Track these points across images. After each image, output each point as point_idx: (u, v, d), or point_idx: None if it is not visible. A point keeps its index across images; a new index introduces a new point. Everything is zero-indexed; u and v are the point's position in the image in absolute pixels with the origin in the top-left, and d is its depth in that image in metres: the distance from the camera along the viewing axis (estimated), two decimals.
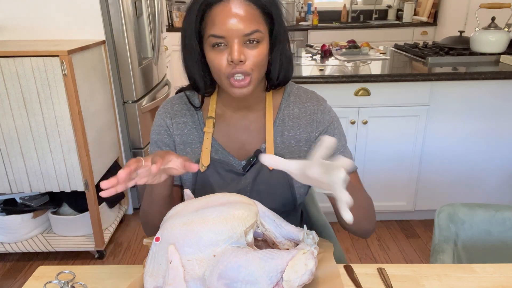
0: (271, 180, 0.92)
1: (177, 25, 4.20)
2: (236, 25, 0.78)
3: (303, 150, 0.95)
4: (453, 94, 2.02)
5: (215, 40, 0.80)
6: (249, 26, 0.79)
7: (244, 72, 0.81)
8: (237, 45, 0.79)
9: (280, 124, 0.95)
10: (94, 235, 2.04)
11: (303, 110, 0.96)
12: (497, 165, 2.16)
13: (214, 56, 0.82)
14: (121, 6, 2.13)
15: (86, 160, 1.88)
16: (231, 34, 0.78)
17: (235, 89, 0.83)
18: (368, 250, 2.13)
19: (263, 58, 0.83)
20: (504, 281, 0.80)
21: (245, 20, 0.79)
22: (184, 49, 0.88)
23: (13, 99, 1.76)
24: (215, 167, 0.93)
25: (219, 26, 0.79)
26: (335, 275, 0.76)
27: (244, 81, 0.82)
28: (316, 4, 4.50)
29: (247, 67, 0.81)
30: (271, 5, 0.83)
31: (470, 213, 1.12)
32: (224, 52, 0.81)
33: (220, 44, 0.80)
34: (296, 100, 0.97)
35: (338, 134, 0.98)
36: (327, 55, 2.46)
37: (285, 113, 0.96)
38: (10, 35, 2.10)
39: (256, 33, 0.80)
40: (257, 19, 0.81)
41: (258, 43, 0.81)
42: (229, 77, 0.82)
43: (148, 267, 0.72)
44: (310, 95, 0.99)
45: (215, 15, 0.80)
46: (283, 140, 0.95)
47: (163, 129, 0.97)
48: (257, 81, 0.85)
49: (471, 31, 2.31)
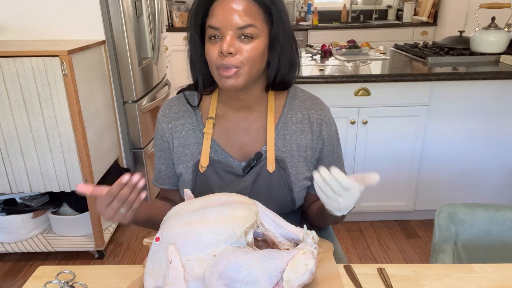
0: (271, 182, 0.92)
1: (177, 25, 4.20)
2: (231, 18, 0.80)
3: (303, 155, 0.95)
4: (453, 94, 2.02)
5: (211, 31, 0.82)
6: (244, 20, 0.80)
7: (231, 65, 0.81)
8: (230, 38, 0.81)
9: (282, 127, 0.95)
10: (94, 235, 2.04)
11: (307, 117, 0.96)
12: (497, 165, 2.16)
13: (209, 47, 0.83)
14: (121, 6, 2.13)
15: (86, 160, 1.88)
16: (226, 26, 0.80)
17: (223, 79, 0.83)
18: (368, 250, 2.13)
19: (256, 55, 0.83)
20: (504, 281, 0.80)
21: (241, 14, 0.80)
22: (189, 43, 0.89)
23: (13, 99, 1.76)
24: (214, 168, 0.93)
25: (216, 17, 0.81)
26: (335, 275, 0.76)
27: (232, 70, 0.82)
28: (316, 4, 4.50)
29: (237, 60, 0.81)
30: (272, 4, 0.83)
31: (470, 213, 1.12)
32: (218, 44, 0.82)
33: (216, 36, 0.82)
34: (300, 105, 0.97)
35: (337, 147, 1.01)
36: (327, 55, 2.46)
37: (288, 117, 0.96)
38: (10, 35, 2.10)
39: (250, 28, 0.81)
40: (254, 15, 0.82)
41: (253, 38, 0.82)
42: (218, 69, 0.83)
43: (148, 267, 0.72)
44: (315, 102, 0.98)
45: (215, 7, 0.82)
46: (284, 144, 0.94)
47: (160, 134, 0.99)
48: (247, 77, 0.84)
49: (471, 31, 2.31)
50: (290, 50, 0.89)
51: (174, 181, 1.02)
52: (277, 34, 0.85)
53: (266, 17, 0.84)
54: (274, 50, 0.86)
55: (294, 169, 0.94)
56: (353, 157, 2.14)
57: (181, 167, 0.96)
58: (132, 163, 2.46)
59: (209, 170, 0.93)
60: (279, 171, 0.92)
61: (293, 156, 0.94)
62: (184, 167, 0.95)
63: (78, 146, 1.85)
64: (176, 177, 1.01)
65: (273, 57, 0.87)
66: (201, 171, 0.93)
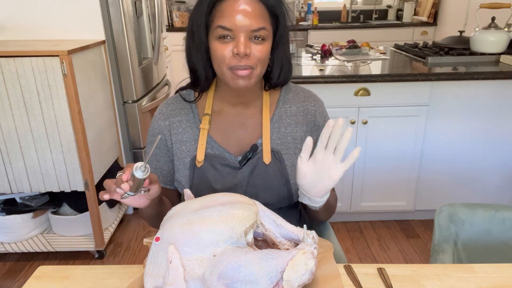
0: (267, 174, 0.94)
1: (177, 25, 4.20)
2: (245, 21, 0.81)
3: (299, 147, 0.97)
4: (453, 94, 2.02)
5: (222, 31, 0.83)
6: (257, 23, 0.82)
7: (247, 66, 0.84)
8: (244, 39, 0.82)
9: (277, 120, 0.97)
10: (94, 235, 2.04)
11: (301, 109, 0.99)
12: (497, 165, 2.16)
13: (219, 46, 0.84)
14: (121, 6, 2.13)
15: (86, 160, 1.88)
16: (239, 28, 0.82)
17: (237, 79, 0.85)
18: (368, 250, 2.13)
19: (266, 55, 0.86)
20: (504, 281, 0.80)
21: (253, 17, 0.82)
22: (190, 39, 0.90)
23: (13, 99, 1.76)
24: (211, 161, 0.94)
25: (228, 19, 0.82)
26: (335, 275, 0.76)
27: (248, 70, 0.85)
28: (316, 4, 4.50)
29: (252, 61, 0.84)
30: (278, 6, 0.86)
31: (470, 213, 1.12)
32: (230, 44, 0.83)
33: (226, 37, 0.83)
34: (294, 98, 1.00)
35: None
36: (327, 55, 2.46)
37: (282, 110, 0.98)
38: (10, 35, 2.10)
39: (262, 30, 0.83)
40: (264, 17, 0.84)
41: (263, 40, 0.84)
42: (233, 70, 0.84)
43: (148, 267, 0.72)
44: (308, 95, 1.02)
45: (225, 7, 0.83)
46: (279, 136, 0.96)
47: (156, 132, 1.00)
48: (257, 78, 0.88)
49: (471, 31, 2.31)
50: (288, 50, 0.93)
51: (169, 179, 1.02)
52: (283, 35, 0.89)
53: (271, 19, 0.87)
54: (279, 50, 0.90)
55: (290, 160, 0.95)
56: None
57: (179, 163, 0.97)
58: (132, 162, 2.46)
59: (206, 164, 0.94)
60: (275, 163, 0.94)
61: (288, 148, 0.96)
62: (182, 163, 0.97)
63: (78, 146, 1.85)
64: (171, 175, 1.01)
65: (277, 58, 0.91)
66: (198, 165, 0.94)
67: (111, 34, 2.17)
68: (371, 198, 2.23)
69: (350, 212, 2.28)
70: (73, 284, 0.81)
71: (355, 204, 2.24)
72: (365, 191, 2.22)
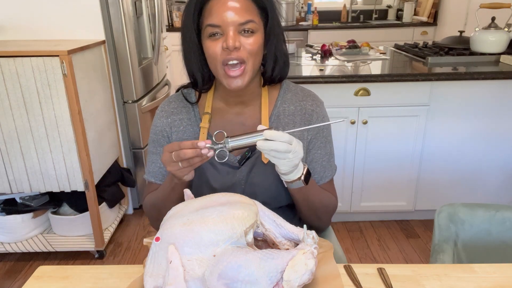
0: (266, 173, 0.94)
1: (177, 25, 4.20)
2: (232, 15, 0.83)
3: None
4: (453, 94, 2.02)
5: (212, 29, 0.84)
6: (244, 16, 0.84)
7: (239, 58, 0.85)
8: (233, 33, 0.83)
9: (275, 120, 0.98)
10: (94, 235, 2.04)
11: (299, 109, 0.99)
12: (497, 165, 2.16)
13: (210, 44, 0.85)
14: (121, 6, 2.13)
15: (86, 160, 1.88)
16: (227, 23, 0.83)
17: (230, 79, 0.86)
18: (368, 250, 2.13)
19: (257, 48, 0.87)
20: (504, 281, 0.80)
21: (240, 11, 0.84)
22: (184, 43, 0.92)
23: (13, 99, 1.76)
24: (210, 160, 0.94)
25: (215, 16, 0.84)
26: (335, 275, 0.76)
27: (240, 69, 0.85)
28: (316, 4, 4.50)
29: (243, 53, 0.85)
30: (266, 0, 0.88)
31: (470, 213, 1.12)
32: (220, 40, 0.85)
33: (216, 34, 0.85)
34: (292, 98, 1.00)
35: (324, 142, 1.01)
36: (327, 55, 2.46)
37: (280, 110, 0.99)
38: (10, 35, 2.10)
39: (251, 23, 0.85)
40: (251, 11, 0.86)
41: (253, 33, 0.86)
42: (224, 64, 0.85)
43: (148, 267, 0.72)
44: (307, 94, 1.02)
45: (212, 6, 0.85)
46: None
47: (158, 129, 1.00)
48: (251, 73, 0.88)
49: (471, 31, 2.31)
50: (283, 43, 0.94)
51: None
52: (272, 27, 0.90)
53: (261, 13, 0.88)
54: (271, 43, 0.91)
55: None
56: (353, 157, 2.14)
57: None
58: (132, 162, 2.46)
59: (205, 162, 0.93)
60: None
61: None
62: None
63: (78, 146, 1.85)
64: None
65: (269, 51, 0.92)
66: None
67: (111, 34, 2.17)
68: (371, 198, 2.23)
69: (350, 212, 2.28)
70: (73, 284, 0.81)
71: (355, 204, 2.24)
72: (365, 191, 2.22)
